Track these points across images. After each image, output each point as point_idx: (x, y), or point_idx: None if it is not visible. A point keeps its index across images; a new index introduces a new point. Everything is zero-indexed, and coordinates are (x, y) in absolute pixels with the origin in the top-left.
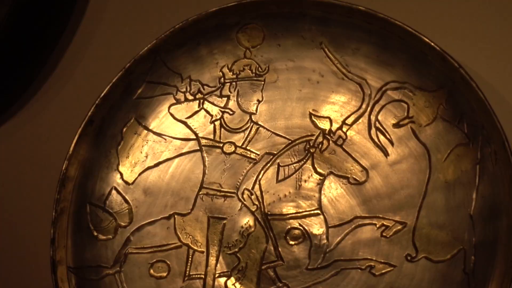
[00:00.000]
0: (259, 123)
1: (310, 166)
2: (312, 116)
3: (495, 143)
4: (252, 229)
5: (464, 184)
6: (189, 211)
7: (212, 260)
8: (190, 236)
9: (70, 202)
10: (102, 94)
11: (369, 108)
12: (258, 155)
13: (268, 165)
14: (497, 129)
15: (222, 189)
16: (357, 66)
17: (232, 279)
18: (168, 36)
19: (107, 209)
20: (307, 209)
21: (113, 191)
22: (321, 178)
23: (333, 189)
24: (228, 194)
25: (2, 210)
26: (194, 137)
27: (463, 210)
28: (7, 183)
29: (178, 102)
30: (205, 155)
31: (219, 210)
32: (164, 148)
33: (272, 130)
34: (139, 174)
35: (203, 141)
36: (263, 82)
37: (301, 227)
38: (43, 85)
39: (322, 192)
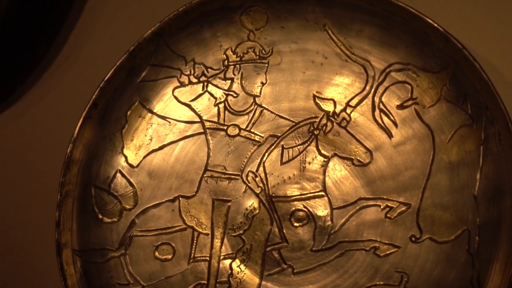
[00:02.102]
0: (263, 105)
1: (314, 148)
2: (316, 98)
3: (499, 124)
4: (257, 211)
5: (468, 165)
6: (194, 193)
7: (217, 242)
8: (195, 219)
9: (75, 185)
10: (106, 77)
11: (372, 90)
12: (262, 137)
13: (272, 147)
14: (500, 109)
15: (226, 172)
16: (360, 48)
17: (237, 261)
18: (171, 19)
19: (112, 192)
20: (312, 191)
21: (118, 174)
22: (325, 160)
23: (337, 171)
24: (233, 176)
25: (7, 193)
26: (198, 120)
27: (467, 191)
28: (13, 166)
29: (182, 85)
30: (209, 137)
31: (224, 192)
32: (168, 131)
33: (276, 113)
34: (144, 157)
35: (207, 124)
36: (266, 65)
37: (305, 209)
38: (48, 68)
39: (326, 174)
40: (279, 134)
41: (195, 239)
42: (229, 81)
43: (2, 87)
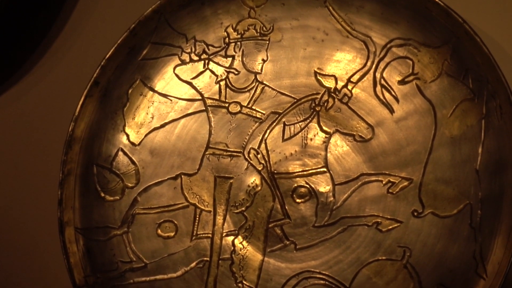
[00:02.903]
0: (264, 82)
1: (316, 125)
2: (317, 75)
3: (500, 97)
4: (259, 188)
5: (469, 139)
6: (196, 171)
7: (219, 219)
8: (197, 196)
9: (77, 163)
10: (107, 56)
11: (374, 66)
12: (264, 114)
13: (274, 124)
14: (502, 83)
15: (228, 149)
16: (361, 24)
17: (240, 238)
18: None
19: (114, 170)
20: (313, 167)
21: (120, 152)
22: (327, 136)
23: (339, 147)
24: (235, 153)
25: (9, 172)
26: (200, 97)
27: (469, 165)
28: (14, 145)
29: (183, 63)
30: (211, 115)
31: (226, 169)
32: (169, 109)
33: (277, 89)
34: (145, 135)
35: (208, 102)
36: (267, 42)
37: (307, 185)
38: (50, 47)
39: (328, 150)
40: (281, 111)
41: (198, 216)
42: (230, 59)
43: (5, 66)
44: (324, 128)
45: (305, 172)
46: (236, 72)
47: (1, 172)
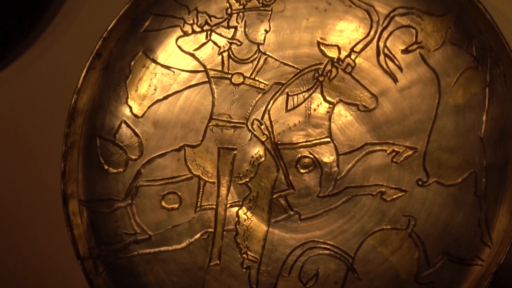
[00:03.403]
0: (267, 53)
1: (319, 95)
2: (320, 45)
3: (504, 65)
4: (263, 158)
5: (474, 107)
6: (199, 142)
7: (223, 191)
8: (201, 167)
9: (80, 135)
10: (109, 27)
11: (377, 35)
12: (267, 85)
13: (277, 94)
14: (505, 50)
15: (231, 120)
16: None
17: (244, 209)
18: None
19: (117, 142)
20: (317, 137)
21: (123, 125)
22: (330, 106)
23: (343, 117)
24: (238, 124)
25: (12, 145)
26: (203, 69)
27: (473, 133)
28: (17, 118)
29: (185, 34)
30: (213, 86)
31: (229, 141)
32: (172, 80)
33: (280, 60)
34: (148, 107)
35: (211, 73)
36: (270, 12)
37: (311, 155)
38: (52, 20)
39: (332, 120)
40: (284, 82)
41: (201, 187)
42: (232, 30)
43: (7, 40)
44: (328, 98)
45: (309, 143)
46: (239, 43)
47: (4, 145)
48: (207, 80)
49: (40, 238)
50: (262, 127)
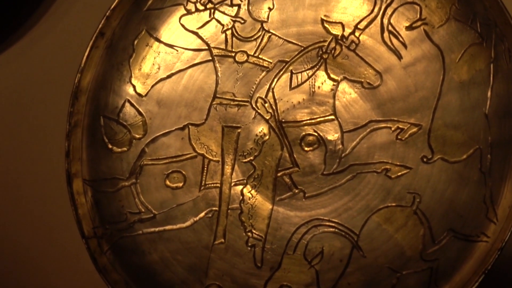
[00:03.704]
0: (271, 31)
1: (323, 72)
2: (324, 22)
3: (509, 41)
4: (267, 137)
5: (478, 84)
6: (203, 121)
7: (228, 169)
8: (205, 146)
9: (84, 115)
10: (112, 6)
11: (381, 12)
12: (271, 63)
13: (281, 72)
14: (510, 26)
15: (235, 98)
16: None
17: (248, 187)
18: None
19: (121, 121)
20: (322, 115)
21: (127, 104)
22: (334, 83)
23: (347, 94)
24: (242, 103)
25: (16, 124)
26: (206, 47)
27: (478, 109)
28: (21, 98)
29: (188, 12)
30: (217, 65)
31: (233, 119)
32: (176, 59)
33: (284, 38)
34: (152, 86)
35: (215, 51)
36: None
37: (315, 133)
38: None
39: (336, 97)
40: (288, 59)
41: (206, 166)
42: (236, 7)
43: (11, 20)
44: (332, 75)
45: (313, 120)
46: (242, 21)
47: (8, 124)
48: (210, 58)
49: (45, 217)
50: (266, 105)
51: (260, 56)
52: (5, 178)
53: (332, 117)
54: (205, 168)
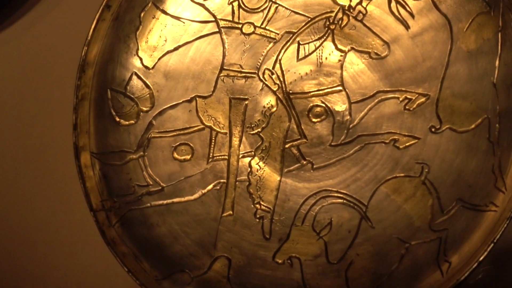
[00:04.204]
0: (278, 2)
1: (331, 43)
2: None
3: None
4: (274, 108)
5: (486, 53)
6: (211, 93)
7: (235, 141)
8: (213, 118)
9: (91, 88)
10: None
11: None
12: (278, 34)
13: (288, 44)
14: None
15: (242, 70)
16: None
17: (256, 159)
18: None
19: (128, 94)
20: (329, 86)
21: (134, 76)
22: (342, 54)
23: (355, 65)
24: (249, 74)
25: (24, 98)
26: (213, 19)
27: (486, 79)
28: (28, 71)
29: None
30: (224, 36)
31: (241, 91)
32: (182, 31)
33: (291, 9)
34: (159, 59)
35: (222, 23)
36: None
37: (323, 104)
38: None
39: (344, 68)
40: (295, 30)
41: (213, 138)
42: None
43: None
44: (339, 46)
45: (320, 91)
46: None
47: (16, 99)
48: (217, 30)
49: (53, 191)
50: (274, 76)
51: (267, 28)
52: (13, 152)
53: (340, 88)
54: (213, 140)
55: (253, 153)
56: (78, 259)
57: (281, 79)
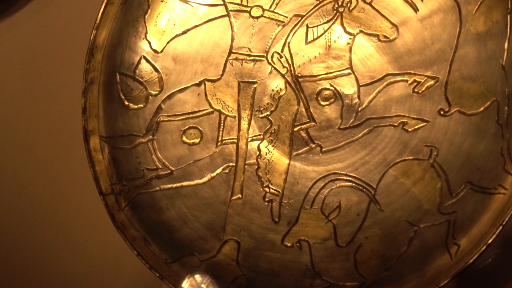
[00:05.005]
0: None
1: (339, 26)
2: None
3: None
4: (283, 91)
5: (495, 35)
6: (219, 76)
7: (244, 124)
8: (221, 102)
9: (100, 71)
10: None
11: None
12: (286, 17)
13: (297, 27)
14: None
15: (251, 53)
16: None
17: (265, 142)
18: None
19: (137, 78)
20: (338, 69)
21: (142, 60)
22: (350, 37)
23: (363, 48)
24: (258, 58)
25: (33, 82)
26: (221, 2)
27: (495, 61)
28: (37, 56)
29: None
30: (233, 20)
31: (249, 74)
32: (191, 15)
33: None
34: (168, 42)
35: (230, 6)
36: None
37: (332, 87)
38: None
39: (352, 51)
40: (303, 13)
41: (222, 122)
42: None
43: None
44: (348, 29)
45: (329, 75)
46: None
47: (25, 83)
48: (226, 13)
49: (62, 175)
50: (282, 59)
51: (275, 11)
52: (22, 136)
53: (349, 71)
54: (222, 124)
55: (262, 136)
56: (88, 243)
57: (290, 62)
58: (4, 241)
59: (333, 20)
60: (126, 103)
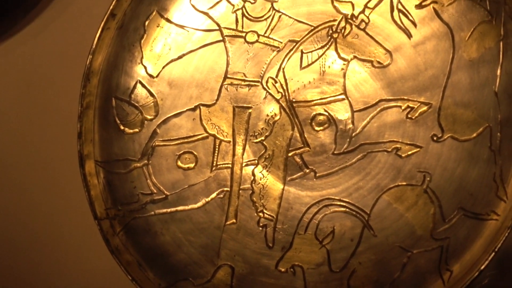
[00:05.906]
0: (281, 10)
1: (334, 52)
2: (334, 1)
3: None
4: (278, 117)
5: (488, 62)
6: (214, 101)
7: (239, 149)
8: (216, 126)
9: (96, 96)
10: None
11: None
12: (281, 42)
13: (292, 52)
14: None
15: (246, 79)
16: None
17: (260, 167)
18: None
19: (132, 102)
20: (332, 95)
21: (138, 85)
22: (344, 63)
23: (357, 73)
24: (253, 83)
25: (28, 106)
26: (217, 27)
27: (487, 87)
28: (33, 79)
29: None
30: (228, 45)
31: (244, 99)
32: (187, 40)
33: (294, 17)
34: (163, 67)
35: (225, 31)
36: None
37: (326, 113)
38: None
39: (346, 77)
40: (298, 39)
41: (217, 146)
42: None
43: (23, 2)
44: (342, 55)
45: (323, 100)
46: (253, 1)
47: (20, 107)
48: (221, 39)
49: (58, 199)
50: (277, 85)
51: (270, 36)
52: (17, 160)
53: (343, 96)
54: (217, 149)
55: (256, 161)
56: (83, 267)
57: (285, 87)
58: None
59: (328, 46)
60: (122, 127)
